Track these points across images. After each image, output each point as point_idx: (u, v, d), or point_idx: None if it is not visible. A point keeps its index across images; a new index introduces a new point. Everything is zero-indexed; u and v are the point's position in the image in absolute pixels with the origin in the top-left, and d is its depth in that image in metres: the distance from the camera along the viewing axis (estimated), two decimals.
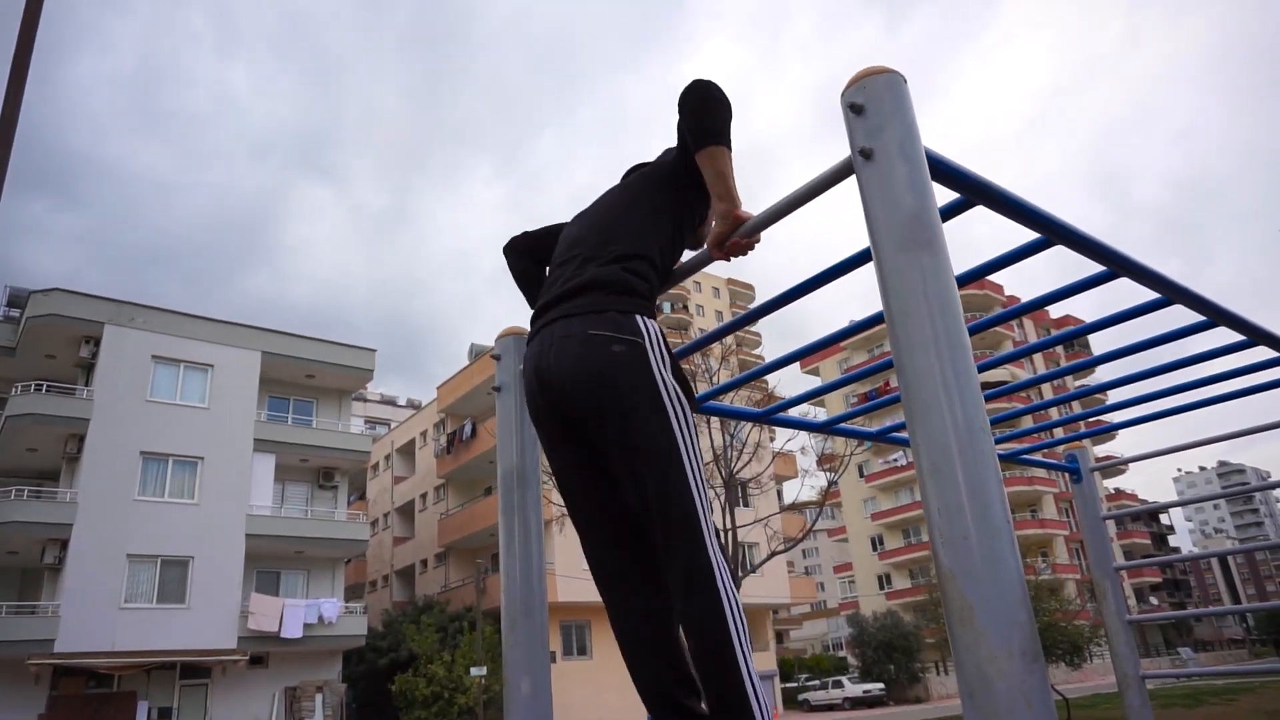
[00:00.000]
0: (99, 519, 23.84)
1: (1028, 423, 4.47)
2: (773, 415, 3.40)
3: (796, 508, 32.83)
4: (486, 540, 35.26)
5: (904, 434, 3.69)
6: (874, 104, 1.50)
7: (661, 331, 1.90)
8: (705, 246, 1.96)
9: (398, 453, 44.61)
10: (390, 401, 60.86)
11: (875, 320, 2.40)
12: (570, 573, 30.66)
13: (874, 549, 61.52)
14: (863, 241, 1.64)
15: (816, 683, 43.81)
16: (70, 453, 24.98)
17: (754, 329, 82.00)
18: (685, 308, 76.13)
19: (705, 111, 1.91)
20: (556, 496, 22.01)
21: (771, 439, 29.59)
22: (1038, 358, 59.65)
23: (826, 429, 3.56)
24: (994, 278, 59.05)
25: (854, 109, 1.52)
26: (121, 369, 25.61)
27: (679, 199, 2.07)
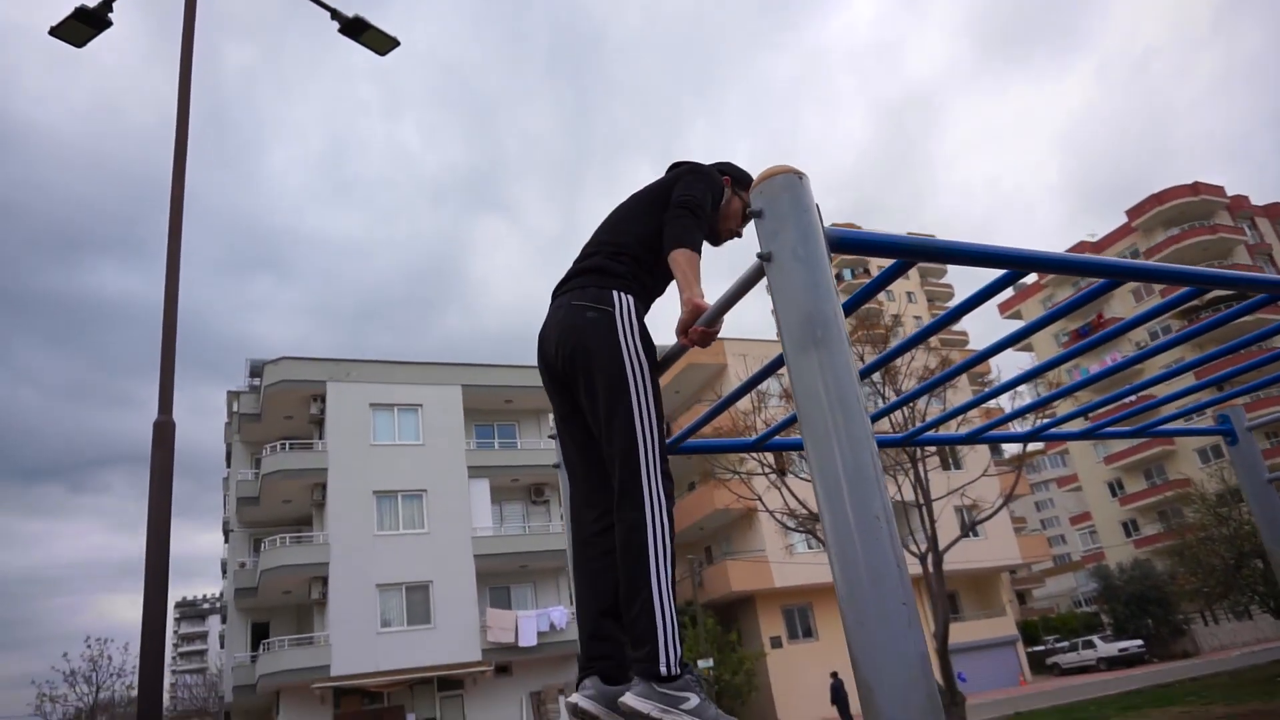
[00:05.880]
0: (349, 555, 26.62)
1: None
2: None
3: (1015, 461, 31.09)
4: (697, 534, 35.90)
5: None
6: (771, 207, 1.59)
7: (636, 305, 2.28)
8: (675, 333, 2.12)
9: None
10: None
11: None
12: (780, 559, 30.76)
13: (1113, 494, 56.58)
14: None
15: (1065, 644, 41.05)
16: (317, 499, 28.04)
17: (944, 282, 78.30)
18: (880, 318, 73.20)
19: (678, 217, 2.28)
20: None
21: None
22: None
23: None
24: (1213, 179, 51.95)
25: (755, 215, 1.62)
26: (346, 419, 28.45)
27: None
